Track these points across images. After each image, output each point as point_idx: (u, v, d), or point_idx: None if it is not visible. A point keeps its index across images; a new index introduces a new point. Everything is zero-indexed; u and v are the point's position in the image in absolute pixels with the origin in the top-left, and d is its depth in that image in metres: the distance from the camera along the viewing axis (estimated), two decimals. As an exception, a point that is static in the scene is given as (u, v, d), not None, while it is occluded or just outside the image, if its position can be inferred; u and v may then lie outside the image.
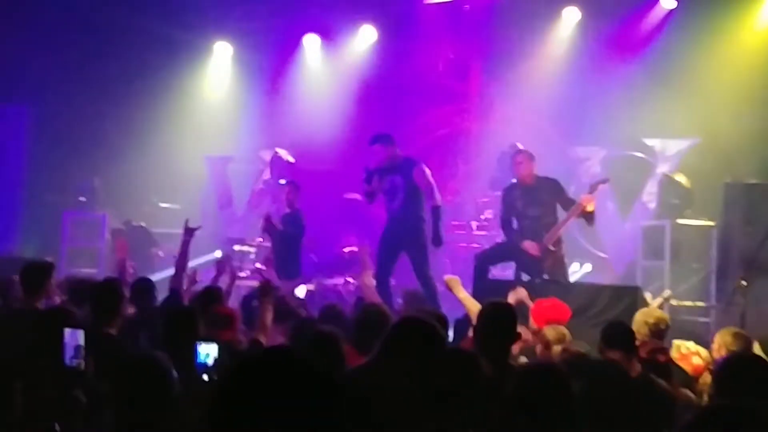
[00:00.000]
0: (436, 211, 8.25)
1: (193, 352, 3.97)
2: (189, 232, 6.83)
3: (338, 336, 4.27)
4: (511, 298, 6.22)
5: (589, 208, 7.81)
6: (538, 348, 5.43)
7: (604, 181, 8.20)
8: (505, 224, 8.35)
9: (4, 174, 11.74)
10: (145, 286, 6.34)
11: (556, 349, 5.32)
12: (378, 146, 8.57)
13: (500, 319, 4.42)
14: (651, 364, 4.94)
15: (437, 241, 8.23)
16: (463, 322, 6.00)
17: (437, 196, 8.28)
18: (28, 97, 11.67)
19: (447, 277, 6.49)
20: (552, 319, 5.91)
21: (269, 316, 5.01)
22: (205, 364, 3.94)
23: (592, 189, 7.98)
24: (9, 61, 11.04)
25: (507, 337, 4.38)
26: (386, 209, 8.67)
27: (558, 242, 8.05)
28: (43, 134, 11.76)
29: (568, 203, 8.04)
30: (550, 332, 5.45)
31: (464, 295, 6.21)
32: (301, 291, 9.02)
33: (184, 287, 6.50)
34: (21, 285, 5.81)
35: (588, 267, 10.42)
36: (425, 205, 8.36)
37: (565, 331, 5.53)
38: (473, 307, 5.58)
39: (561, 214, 8.13)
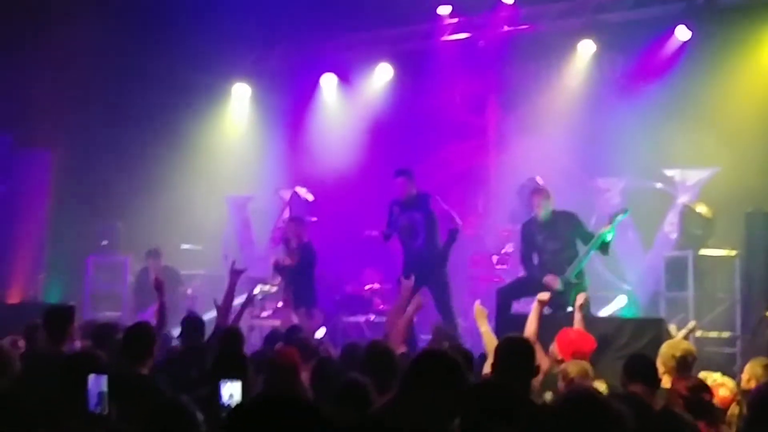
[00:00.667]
0: (453, 233, 8.49)
1: (217, 392, 3.98)
2: (236, 273, 7.24)
3: (367, 384, 4.24)
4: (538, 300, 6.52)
5: (607, 238, 7.82)
6: (560, 384, 5.37)
7: (623, 212, 8.16)
8: (525, 260, 8.34)
9: (27, 218, 11.86)
10: (195, 324, 6.54)
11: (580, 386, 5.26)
12: (401, 179, 8.89)
13: (517, 354, 4.38)
14: (695, 403, 4.78)
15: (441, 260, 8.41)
16: (480, 359, 5.98)
17: (456, 219, 8.59)
18: (51, 141, 11.83)
19: (477, 306, 6.51)
20: (577, 350, 5.87)
21: None
22: (228, 405, 3.94)
23: (612, 220, 7.95)
24: (32, 106, 11.21)
25: (526, 371, 4.35)
26: (405, 247, 8.73)
27: (581, 275, 8.04)
28: (66, 178, 11.88)
29: (587, 236, 8.02)
30: (572, 367, 5.39)
31: (486, 329, 6.22)
32: (320, 333, 9.00)
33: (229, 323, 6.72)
34: (45, 329, 5.85)
35: (623, 300, 10.30)
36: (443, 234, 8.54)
37: (588, 366, 5.47)
38: (491, 342, 5.56)
39: (581, 247, 8.12)
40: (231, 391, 3.96)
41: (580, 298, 6.98)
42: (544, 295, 6.77)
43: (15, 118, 11.40)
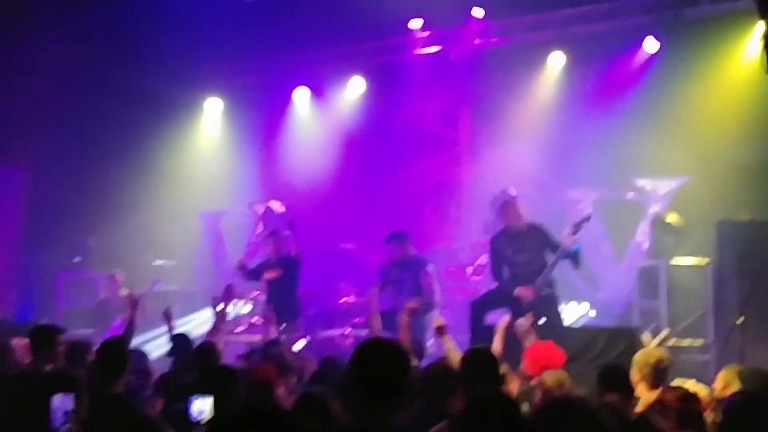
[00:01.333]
0: (428, 306, 8.75)
1: (186, 408, 3.96)
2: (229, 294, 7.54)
3: (326, 397, 4.23)
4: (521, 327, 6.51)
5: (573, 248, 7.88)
6: (537, 395, 5.38)
7: (586, 219, 8.20)
8: (496, 273, 8.39)
9: (-1, 236, 11.74)
10: (183, 342, 6.69)
11: (557, 395, 5.28)
12: (393, 245, 9.24)
13: (481, 364, 4.41)
14: (686, 414, 4.75)
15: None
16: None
17: (436, 298, 8.99)
18: (22, 159, 11.71)
19: (437, 319, 6.52)
20: (547, 364, 5.88)
21: None
22: (198, 420, 3.92)
23: (576, 229, 8.00)
24: (2, 124, 11.11)
25: (491, 381, 4.36)
26: (393, 298, 9.11)
27: (551, 284, 8.09)
28: (37, 195, 11.77)
29: (554, 246, 8.07)
30: (549, 378, 5.41)
31: (449, 344, 6.19)
32: (299, 345, 8.98)
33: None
34: (30, 348, 5.75)
35: (589, 309, 10.40)
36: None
37: (564, 376, 5.49)
38: (455, 356, 5.56)
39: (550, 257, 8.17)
40: (201, 407, 3.94)
41: (522, 325, 6.71)
42: (507, 320, 6.72)
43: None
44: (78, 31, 10.94)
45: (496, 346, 6.29)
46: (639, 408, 5.06)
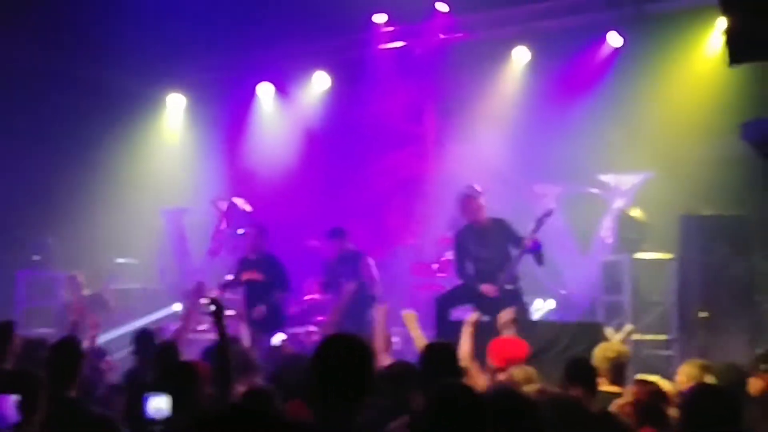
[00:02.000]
0: (370, 299, 9.01)
1: (142, 406, 3.88)
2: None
3: (271, 393, 4.24)
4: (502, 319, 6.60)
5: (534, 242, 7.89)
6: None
7: (548, 214, 8.21)
8: (459, 268, 8.37)
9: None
10: (146, 340, 6.63)
11: (529, 388, 5.26)
12: (332, 241, 9.53)
13: (440, 359, 4.40)
14: (652, 410, 4.74)
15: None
16: None
17: (377, 288, 9.29)
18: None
19: (405, 312, 6.49)
20: (511, 357, 5.87)
21: None
22: (153, 419, 3.85)
23: (538, 224, 8.00)
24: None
25: (451, 375, 4.35)
26: (336, 294, 9.50)
27: (515, 280, 8.09)
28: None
29: (518, 241, 8.07)
30: (518, 373, 5.40)
31: (418, 333, 6.21)
32: (277, 338, 8.82)
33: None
34: None
35: (552, 303, 10.42)
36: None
37: (532, 370, 5.48)
38: (422, 344, 5.55)
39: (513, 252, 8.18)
40: (158, 405, 3.87)
41: (504, 316, 6.81)
42: (474, 317, 6.69)
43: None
44: (35, 26, 10.76)
45: (464, 342, 6.26)
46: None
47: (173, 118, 13.17)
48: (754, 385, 5.53)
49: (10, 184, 11.46)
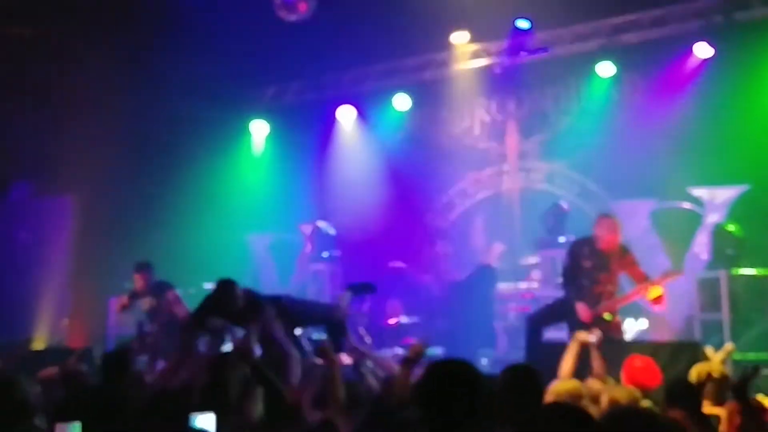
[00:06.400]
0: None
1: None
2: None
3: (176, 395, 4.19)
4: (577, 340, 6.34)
5: (652, 294, 7.60)
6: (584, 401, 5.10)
7: (676, 273, 7.92)
8: (570, 279, 7.95)
9: (50, 264, 11.84)
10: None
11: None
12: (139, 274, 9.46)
13: (524, 386, 4.08)
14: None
15: None
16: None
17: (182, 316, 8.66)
18: (71, 187, 11.84)
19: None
20: (642, 383, 5.64)
21: None
22: None
23: (664, 277, 7.70)
24: (52, 154, 11.25)
25: (534, 399, 4.07)
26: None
27: (616, 313, 7.83)
28: (86, 222, 11.88)
29: (639, 278, 7.75)
30: (620, 392, 5.17)
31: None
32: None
33: None
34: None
35: (644, 323, 10.09)
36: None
37: (638, 394, 5.25)
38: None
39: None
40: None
41: (587, 336, 6.54)
42: (583, 335, 6.49)
43: (35, 166, 11.47)
44: (124, 59, 11.05)
45: (567, 360, 6.09)
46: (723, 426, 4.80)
47: (257, 145, 13.34)
48: None
49: (102, 213, 11.80)
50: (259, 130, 13.31)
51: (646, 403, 5.19)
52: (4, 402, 4.27)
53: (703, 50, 10.33)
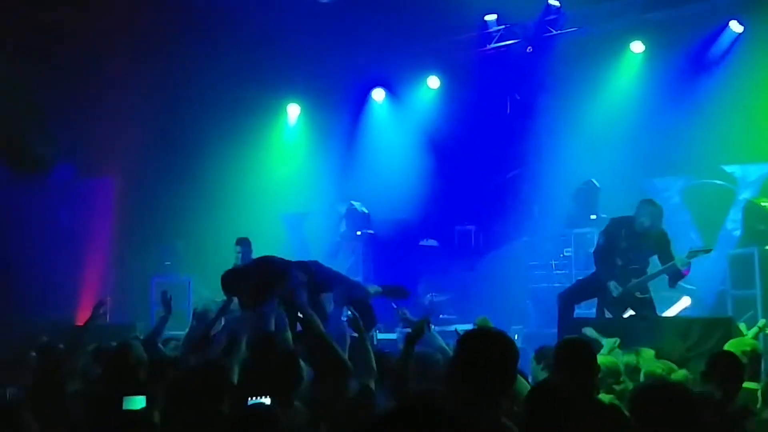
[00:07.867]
0: None
1: None
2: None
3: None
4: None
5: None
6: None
7: (706, 251, 7.99)
8: (602, 257, 8.10)
9: (93, 243, 12.12)
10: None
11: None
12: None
13: (576, 355, 4.24)
14: None
15: None
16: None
17: None
18: (112, 169, 12.11)
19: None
20: None
21: None
22: None
23: (693, 255, 7.78)
24: (93, 137, 11.50)
25: (585, 372, 4.20)
26: None
27: (646, 290, 7.96)
28: (127, 203, 12.15)
29: (667, 258, 7.87)
30: (657, 366, 5.32)
31: None
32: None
33: None
34: None
35: (687, 301, 10.07)
36: None
37: (675, 367, 5.40)
38: None
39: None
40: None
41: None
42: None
43: (77, 148, 11.73)
44: (161, 44, 11.23)
45: None
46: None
47: (291, 126, 13.53)
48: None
49: (143, 193, 12.06)
50: (294, 110, 13.49)
51: (681, 374, 5.33)
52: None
53: (735, 26, 10.33)
